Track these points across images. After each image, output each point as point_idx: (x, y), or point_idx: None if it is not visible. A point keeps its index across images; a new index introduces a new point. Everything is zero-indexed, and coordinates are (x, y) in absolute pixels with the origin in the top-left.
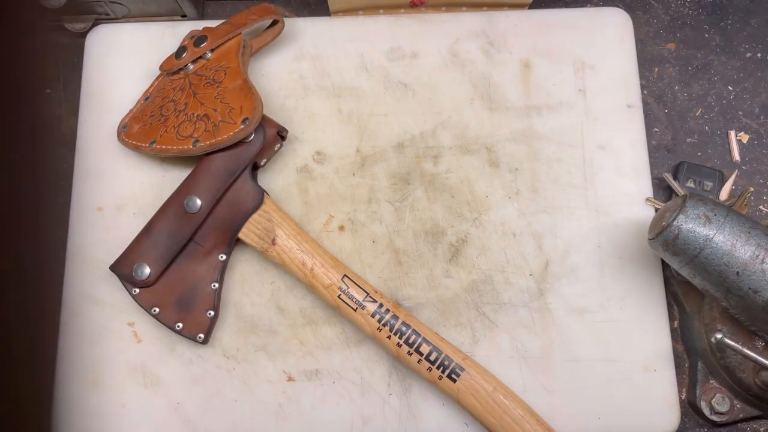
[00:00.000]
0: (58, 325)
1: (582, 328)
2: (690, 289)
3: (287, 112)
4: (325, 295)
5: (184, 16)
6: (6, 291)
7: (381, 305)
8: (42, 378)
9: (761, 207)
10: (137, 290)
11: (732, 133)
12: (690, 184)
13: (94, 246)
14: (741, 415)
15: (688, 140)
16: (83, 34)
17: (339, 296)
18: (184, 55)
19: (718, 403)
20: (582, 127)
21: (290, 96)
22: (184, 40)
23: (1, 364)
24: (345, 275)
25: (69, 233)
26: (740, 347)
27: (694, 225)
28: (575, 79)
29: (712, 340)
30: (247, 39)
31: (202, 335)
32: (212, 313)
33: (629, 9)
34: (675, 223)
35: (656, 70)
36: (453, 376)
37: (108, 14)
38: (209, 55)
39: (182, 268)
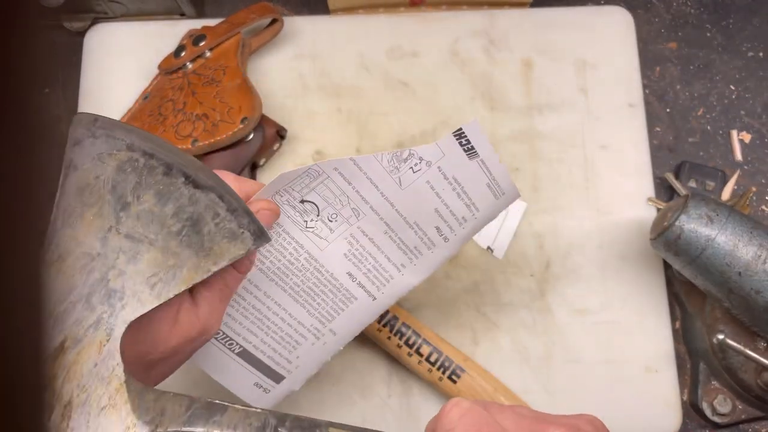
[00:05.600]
0: None
1: (583, 329)
2: (692, 290)
3: (286, 111)
4: None
5: (182, 15)
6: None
7: None
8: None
9: (763, 207)
10: None
11: (734, 133)
12: (692, 184)
13: None
14: (743, 417)
15: (690, 140)
16: (82, 33)
17: None
18: (182, 54)
19: (720, 404)
20: (583, 126)
21: (289, 95)
22: (182, 39)
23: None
24: None
25: None
26: (742, 348)
27: (696, 225)
28: (576, 78)
29: (714, 341)
30: (246, 38)
31: None
32: None
33: (630, 7)
34: (677, 223)
35: (658, 69)
36: (453, 377)
37: (106, 13)
38: (208, 54)
39: None
